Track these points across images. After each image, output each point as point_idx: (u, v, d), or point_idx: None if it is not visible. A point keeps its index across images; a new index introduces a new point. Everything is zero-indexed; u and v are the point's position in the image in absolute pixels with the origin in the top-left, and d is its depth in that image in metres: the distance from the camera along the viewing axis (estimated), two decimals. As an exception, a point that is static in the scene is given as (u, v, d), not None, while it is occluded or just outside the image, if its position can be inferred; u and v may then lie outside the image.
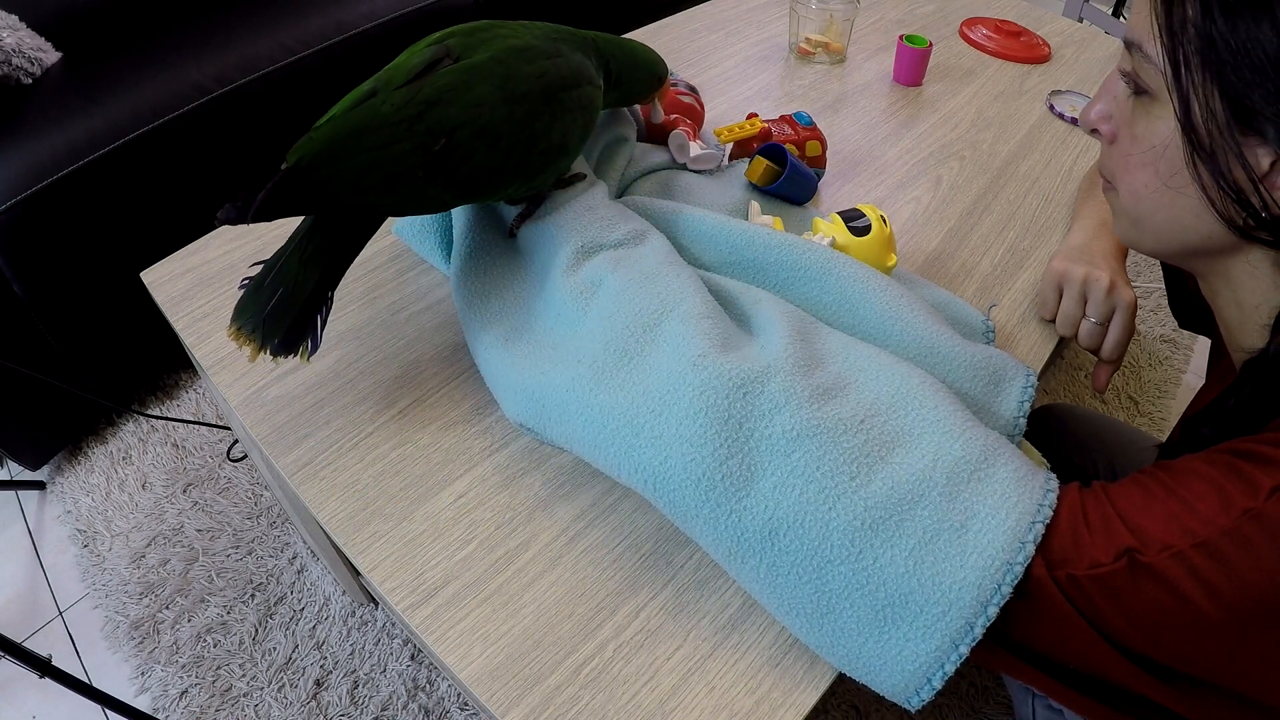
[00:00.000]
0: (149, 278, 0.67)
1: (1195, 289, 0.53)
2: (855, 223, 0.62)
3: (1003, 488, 0.41)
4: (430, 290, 0.66)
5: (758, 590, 0.44)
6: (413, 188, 0.49)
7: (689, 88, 0.81)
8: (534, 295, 0.58)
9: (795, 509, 0.41)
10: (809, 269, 0.58)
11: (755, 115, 0.81)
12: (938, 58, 1.06)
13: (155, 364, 1.35)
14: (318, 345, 0.50)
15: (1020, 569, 0.38)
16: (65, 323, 1.15)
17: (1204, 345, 1.53)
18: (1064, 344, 0.69)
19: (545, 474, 0.54)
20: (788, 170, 0.72)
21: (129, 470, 1.26)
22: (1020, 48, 1.08)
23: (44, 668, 0.83)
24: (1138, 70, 0.42)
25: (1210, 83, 0.38)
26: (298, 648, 1.05)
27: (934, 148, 0.89)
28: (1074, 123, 0.94)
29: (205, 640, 1.06)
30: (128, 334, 1.23)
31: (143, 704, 1.00)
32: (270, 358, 0.48)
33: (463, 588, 0.48)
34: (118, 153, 1.11)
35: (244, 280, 0.50)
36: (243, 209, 0.44)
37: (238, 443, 1.28)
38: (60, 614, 1.12)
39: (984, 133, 0.92)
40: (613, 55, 0.62)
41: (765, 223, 0.66)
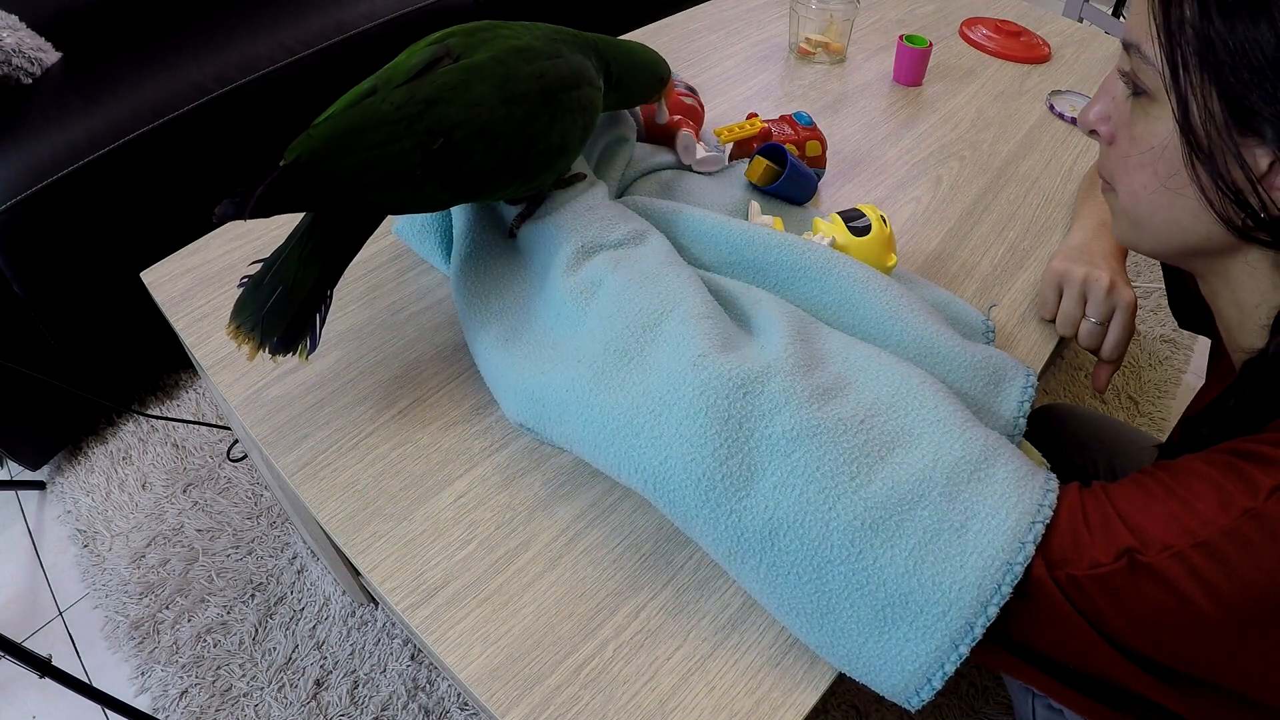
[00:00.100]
0: (149, 278, 0.67)
1: (1195, 289, 0.53)
2: (855, 223, 0.62)
3: (1003, 488, 0.41)
4: (430, 290, 0.66)
5: (758, 590, 0.44)
6: (411, 186, 0.49)
7: (689, 88, 0.81)
8: (534, 295, 0.58)
9: (795, 509, 0.41)
10: (809, 269, 0.58)
11: (755, 115, 0.81)
12: (938, 58, 1.06)
13: (155, 364, 1.35)
14: (316, 344, 0.50)
15: (1020, 569, 0.38)
16: (65, 323, 1.15)
17: (1204, 345, 1.53)
18: (1064, 344, 0.69)
19: (545, 474, 0.54)
20: (788, 170, 0.72)
21: (129, 470, 1.26)
22: (1020, 48, 1.08)
23: (44, 668, 0.83)
24: (1136, 71, 0.42)
25: (1208, 83, 0.38)
26: (298, 648, 1.05)
27: (934, 148, 0.89)
28: (1074, 123, 0.94)
29: (205, 640, 1.06)
30: (128, 334, 1.23)
31: (143, 704, 1.00)
32: (269, 356, 0.48)
33: (463, 588, 0.48)
34: (118, 153, 1.11)
35: (243, 278, 0.50)
36: (241, 205, 0.44)
37: (238, 443, 1.28)
38: (60, 614, 1.12)
39: (984, 133, 0.92)
40: (614, 57, 0.62)
41: (765, 223, 0.66)
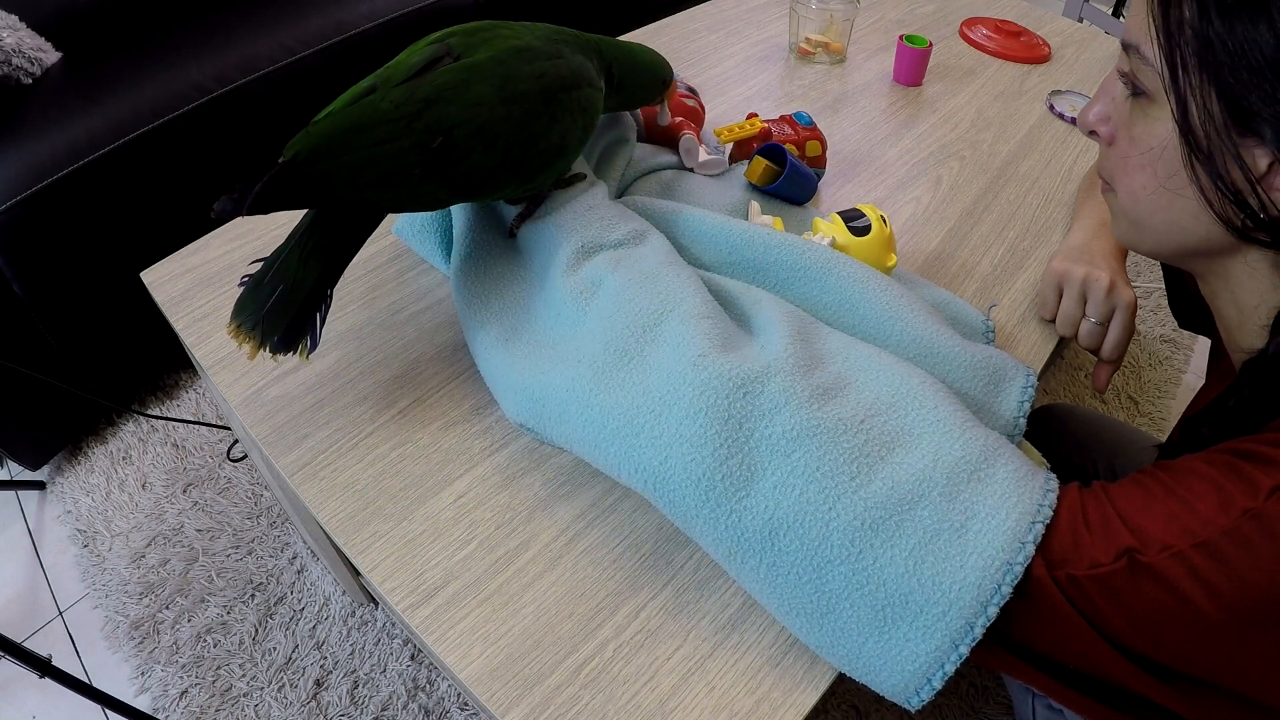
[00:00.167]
0: (149, 278, 0.67)
1: (1195, 289, 0.53)
2: (855, 223, 0.62)
3: (1003, 488, 0.41)
4: (430, 290, 0.66)
5: (758, 590, 0.44)
6: (410, 185, 0.49)
7: (689, 89, 0.81)
8: (534, 295, 0.58)
9: (795, 509, 0.41)
10: (809, 269, 0.58)
11: (755, 115, 0.81)
12: (938, 58, 1.06)
13: (155, 364, 1.35)
14: (316, 343, 0.50)
15: (1020, 569, 0.38)
16: (65, 323, 1.15)
17: (1204, 345, 1.53)
18: (1064, 344, 0.69)
19: (545, 474, 0.54)
20: (787, 170, 0.72)
21: (129, 470, 1.26)
22: (1020, 48, 1.08)
23: (44, 668, 0.83)
24: (1135, 72, 0.42)
25: (1207, 84, 0.38)
26: (298, 648, 1.05)
27: (934, 148, 0.89)
28: (1074, 123, 0.94)
29: (205, 640, 1.06)
30: (128, 334, 1.23)
31: (143, 704, 1.00)
32: (269, 355, 0.48)
33: (463, 588, 0.48)
34: (118, 153, 1.11)
35: (243, 278, 0.50)
36: (239, 201, 0.44)
37: (238, 443, 1.28)
38: (60, 614, 1.12)
39: (984, 133, 0.92)
40: (615, 58, 0.62)
41: (765, 223, 0.66)
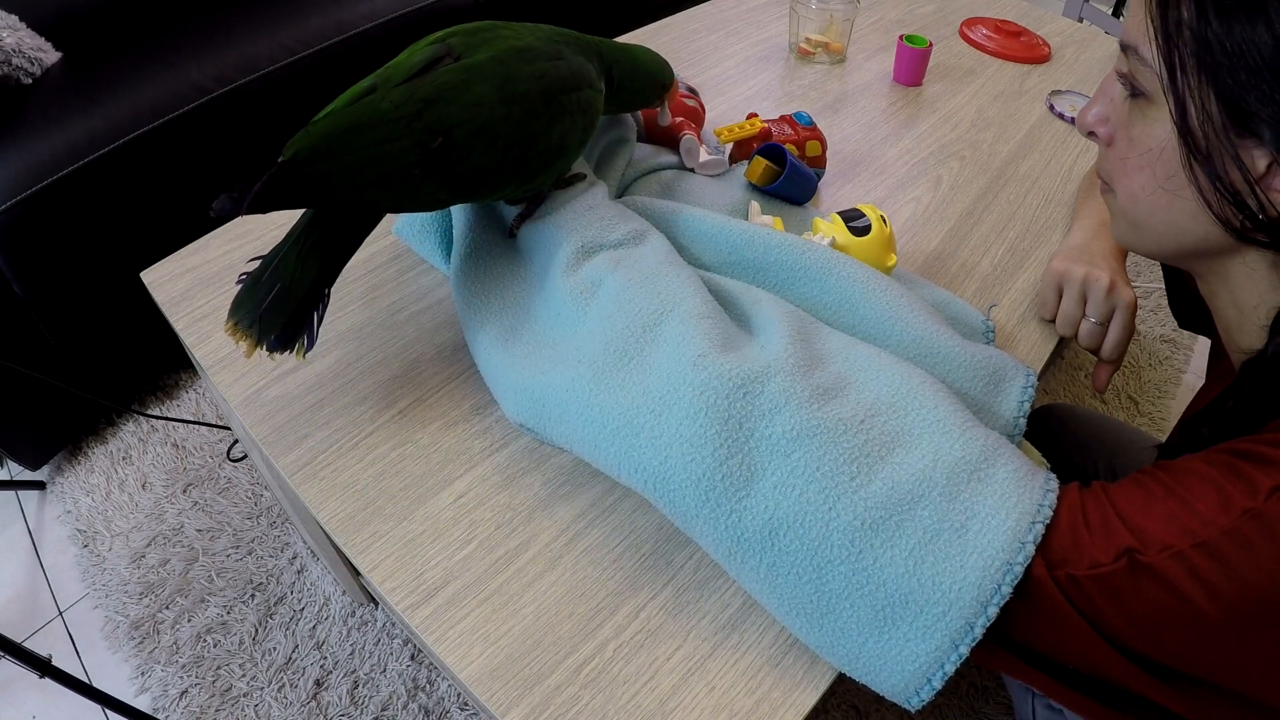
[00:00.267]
0: (149, 278, 0.67)
1: (1195, 289, 0.53)
2: (855, 223, 0.62)
3: (1003, 488, 0.41)
4: (430, 290, 0.66)
5: (758, 590, 0.44)
6: (409, 185, 0.49)
7: (690, 90, 0.81)
8: (534, 295, 0.58)
9: (795, 509, 0.41)
10: (809, 269, 0.58)
11: (755, 115, 0.81)
12: (938, 58, 1.06)
13: (155, 364, 1.35)
14: (314, 342, 0.50)
15: (1020, 569, 0.38)
16: (65, 323, 1.15)
17: (1204, 345, 1.53)
18: (1064, 344, 0.69)
19: (545, 474, 0.54)
20: (787, 170, 0.72)
21: (129, 470, 1.26)
22: (1020, 48, 1.08)
23: (44, 668, 0.83)
24: (1134, 73, 0.42)
25: (1206, 85, 0.38)
26: (298, 648, 1.05)
27: (934, 148, 0.89)
28: (1074, 123, 0.94)
29: (205, 640, 1.06)
30: (128, 334, 1.23)
31: (143, 704, 1.00)
32: (266, 354, 0.48)
33: (463, 588, 0.48)
34: (118, 153, 1.11)
35: (242, 275, 0.50)
36: (238, 200, 0.44)
37: (238, 443, 1.28)
38: (60, 614, 1.12)
39: (984, 133, 0.92)
40: (616, 60, 0.61)
41: (765, 223, 0.66)
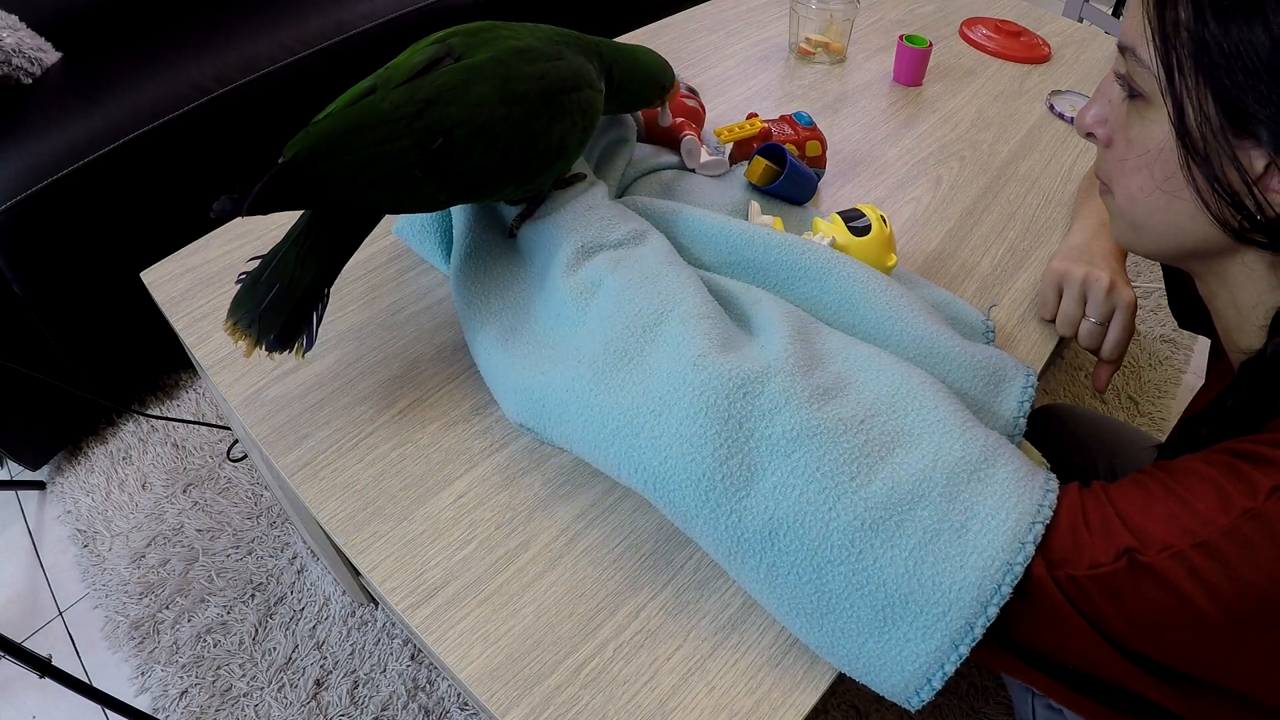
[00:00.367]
0: (149, 278, 0.67)
1: (1195, 289, 0.53)
2: (855, 223, 0.62)
3: (1003, 488, 0.41)
4: (430, 290, 0.66)
5: (758, 590, 0.44)
6: (409, 185, 0.49)
7: (690, 90, 0.81)
8: (534, 295, 0.58)
9: (795, 509, 0.41)
10: (809, 269, 0.58)
11: (755, 115, 0.81)
12: (938, 58, 1.06)
13: (155, 364, 1.35)
14: (313, 342, 0.50)
15: (1020, 569, 0.38)
16: (65, 323, 1.15)
17: (1204, 345, 1.53)
18: (1064, 344, 0.69)
19: (545, 474, 0.54)
20: (787, 170, 0.72)
21: (129, 470, 1.26)
22: (1020, 48, 1.08)
23: (44, 668, 0.83)
24: (1131, 74, 0.42)
25: (1203, 86, 0.38)
26: (298, 648, 1.05)
27: (934, 148, 0.89)
28: (1073, 123, 0.94)
29: (205, 640, 1.06)
30: (128, 334, 1.23)
31: (143, 704, 1.00)
32: (265, 354, 0.48)
33: (463, 588, 0.48)
34: (118, 153, 1.11)
35: (241, 275, 0.50)
36: (238, 201, 0.44)
37: (238, 443, 1.28)
38: (60, 614, 1.12)
39: (984, 133, 0.92)
40: (616, 61, 0.61)
41: (765, 223, 0.66)
